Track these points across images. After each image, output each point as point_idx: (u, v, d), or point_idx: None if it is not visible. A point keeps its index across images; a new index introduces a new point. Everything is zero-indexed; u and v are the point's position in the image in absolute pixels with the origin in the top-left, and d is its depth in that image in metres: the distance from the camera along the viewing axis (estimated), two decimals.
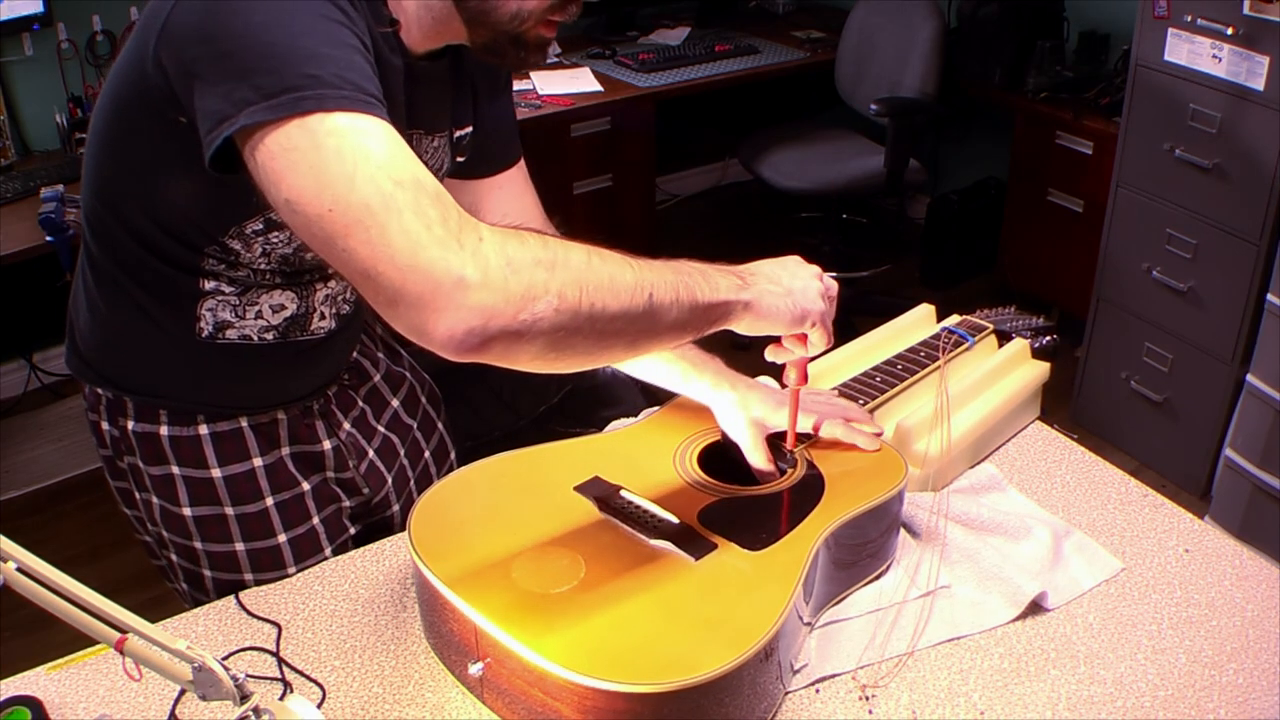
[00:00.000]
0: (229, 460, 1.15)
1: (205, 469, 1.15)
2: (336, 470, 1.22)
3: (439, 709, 0.96)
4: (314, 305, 1.14)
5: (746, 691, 0.88)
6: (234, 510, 1.16)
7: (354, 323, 1.23)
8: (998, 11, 3.18)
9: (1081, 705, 0.96)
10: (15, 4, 2.61)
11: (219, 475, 1.15)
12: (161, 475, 1.15)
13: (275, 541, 1.18)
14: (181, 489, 1.15)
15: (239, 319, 1.09)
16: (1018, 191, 3.28)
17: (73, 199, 2.40)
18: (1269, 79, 2.20)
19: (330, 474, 1.22)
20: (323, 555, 1.19)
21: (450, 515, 1.02)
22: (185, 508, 1.15)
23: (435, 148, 1.12)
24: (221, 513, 1.16)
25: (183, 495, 1.15)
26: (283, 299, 1.11)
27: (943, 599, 1.08)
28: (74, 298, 1.17)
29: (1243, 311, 2.38)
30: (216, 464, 1.15)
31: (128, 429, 1.15)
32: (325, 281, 1.14)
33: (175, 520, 1.16)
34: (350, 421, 1.25)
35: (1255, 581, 1.11)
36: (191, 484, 1.15)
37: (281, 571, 1.17)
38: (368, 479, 1.25)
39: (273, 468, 1.17)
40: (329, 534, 1.21)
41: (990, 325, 1.43)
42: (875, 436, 1.14)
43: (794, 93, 3.77)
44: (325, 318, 1.16)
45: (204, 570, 1.18)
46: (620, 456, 1.12)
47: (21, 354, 3.04)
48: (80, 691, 0.98)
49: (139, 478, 1.17)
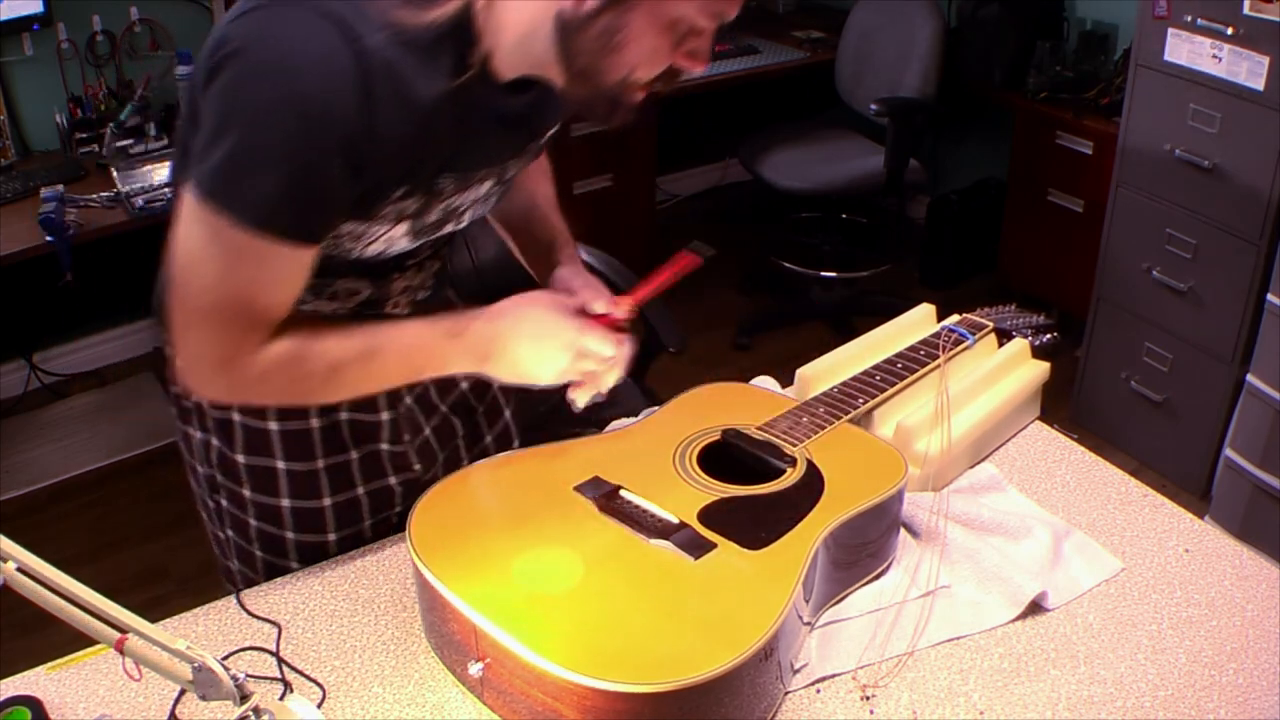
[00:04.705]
0: (288, 416, 1.16)
1: (263, 420, 1.16)
2: (390, 443, 1.22)
3: (439, 709, 0.96)
4: (390, 294, 1.15)
5: (746, 691, 0.88)
6: (284, 465, 1.17)
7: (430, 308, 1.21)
8: (998, 11, 3.18)
9: (1081, 705, 0.96)
10: (15, 4, 2.61)
11: (275, 429, 1.16)
12: (221, 419, 1.17)
13: (320, 504, 1.19)
14: (239, 435, 1.16)
15: (313, 297, 1.09)
16: (1018, 191, 3.28)
17: (72, 199, 2.40)
18: (1269, 79, 2.21)
19: (384, 445, 1.22)
20: (361, 526, 1.20)
21: (450, 515, 1.02)
22: (239, 454, 1.17)
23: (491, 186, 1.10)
24: (273, 466, 1.17)
25: (238, 441, 1.17)
26: (358, 284, 1.12)
27: (943, 599, 1.08)
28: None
29: (1243, 311, 2.38)
30: (275, 417, 1.16)
31: None
32: (404, 273, 1.15)
33: (229, 465, 1.18)
34: (412, 396, 1.25)
35: (1255, 581, 1.11)
36: (249, 432, 1.16)
37: (321, 536, 1.18)
38: (420, 455, 1.25)
39: (328, 430, 1.18)
40: (371, 507, 1.21)
41: (990, 323, 1.43)
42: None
43: (794, 93, 3.77)
44: (400, 305, 1.17)
45: (249, 519, 1.20)
46: (620, 456, 1.12)
47: (21, 354, 3.04)
48: (80, 691, 0.98)
49: (201, 417, 1.19)
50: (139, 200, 2.40)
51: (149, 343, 3.29)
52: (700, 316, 3.33)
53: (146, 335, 3.28)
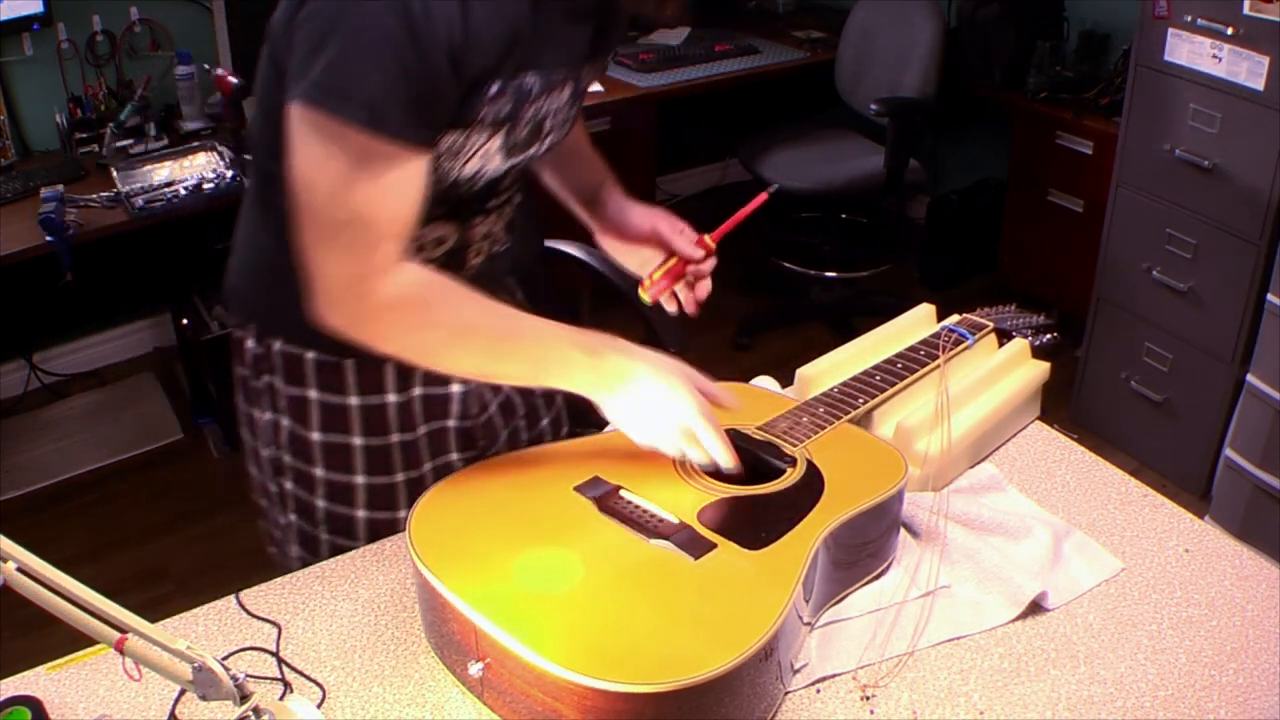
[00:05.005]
0: (367, 391, 1.18)
1: (343, 395, 1.17)
2: (460, 418, 1.24)
3: (439, 709, 0.96)
4: (472, 239, 1.17)
5: (746, 691, 0.88)
6: (361, 441, 1.19)
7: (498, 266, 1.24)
8: (998, 11, 3.18)
9: (1081, 705, 0.96)
10: (15, 4, 2.61)
11: (355, 403, 1.18)
12: (297, 397, 1.18)
13: (394, 479, 1.20)
14: (314, 413, 1.18)
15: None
16: (1018, 191, 3.28)
17: (72, 199, 2.40)
18: (1269, 79, 2.21)
19: (452, 421, 1.24)
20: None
21: (450, 515, 1.02)
22: (314, 432, 1.18)
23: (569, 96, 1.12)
24: (349, 442, 1.18)
25: (314, 419, 1.18)
26: (444, 231, 1.13)
27: (943, 599, 1.08)
28: (239, 241, 1.22)
29: (1243, 311, 2.38)
30: (356, 391, 1.17)
31: (273, 348, 1.18)
32: (485, 217, 1.16)
33: (301, 444, 1.19)
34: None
35: (1255, 581, 1.11)
36: (326, 409, 1.18)
37: (393, 513, 1.20)
38: (484, 431, 1.27)
39: (403, 406, 1.19)
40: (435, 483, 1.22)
41: (990, 323, 1.43)
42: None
43: (794, 93, 3.77)
44: (481, 254, 1.19)
45: (317, 500, 1.21)
46: (620, 456, 1.12)
47: (21, 354, 3.04)
48: (80, 691, 0.98)
49: (273, 398, 1.19)
50: (139, 200, 2.40)
51: (149, 343, 3.29)
52: (700, 316, 3.33)
53: (146, 335, 3.29)
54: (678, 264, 1.27)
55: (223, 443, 2.90)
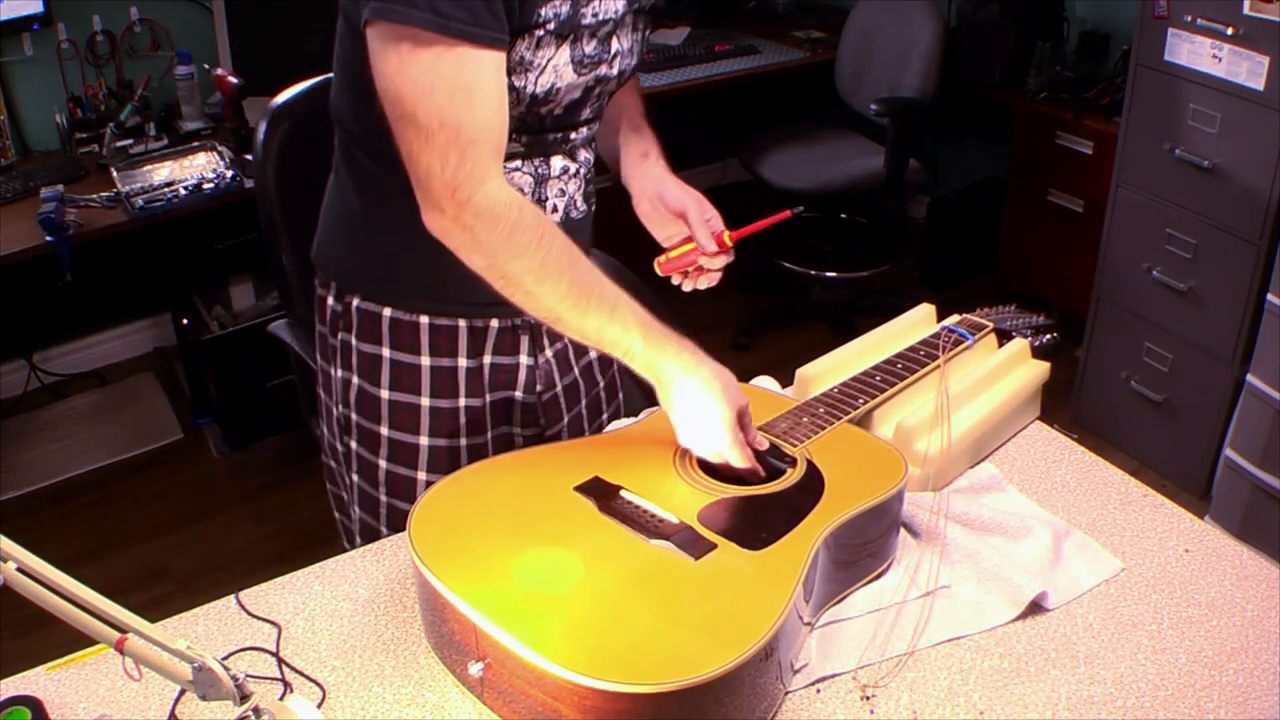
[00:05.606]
0: (440, 353, 1.21)
1: (416, 355, 1.20)
2: (524, 391, 1.26)
3: (439, 709, 0.96)
4: (547, 194, 1.19)
5: (746, 691, 0.88)
6: (429, 402, 1.21)
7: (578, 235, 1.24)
8: (998, 11, 3.18)
9: (1081, 705, 0.96)
10: (15, 4, 2.61)
11: (427, 364, 1.21)
12: (371, 354, 1.21)
13: (457, 443, 1.23)
14: (385, 371, 1.21)
15: None
16: (1018, 191, 3.28)
17: (72, 199, 2.40)
18: (1269, 79, 2.21)
19: (517, 394, 1.26)
20: None
21: (450, 515, 1.02)
22: (384, 390, 1.21)
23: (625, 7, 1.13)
24: (417, 402, 1.21)
25: (385, 377, 1.21)
26: (521, 181, 1.16)
27: (943, 599, 1.08)
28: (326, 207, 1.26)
29: (1243, 311, 2.38)
30: (428, 352, 1.20)
31: (352, 305, 1.21)
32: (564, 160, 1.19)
33: (370, 403, 1.22)
34: (552, 350, 1.29)
35: (1255, 581, 1.11)
36: (397, 368, 1.21)
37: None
38: (547, 409, 1.29)
39: (472, 372, 1.22)
40: (495, 453, 1.24)
41: (990, 324, 1.43)
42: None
43: (794, 93, 3.77)
44: (556, 210, 1.21)
45: (381, 461, 1.24)
46: (620, 456, 1.12)
47: (21, 354, 3.04)
48: (80, 691, 0.98)
49: (346, 355, 1.23)
50: (139, 200, 2.40)
51: (149, 342, 3.29)
52: (700, 316, 3.31)
53: (146, 335, 3.29)
54: (692, 251, 1.29)
55: (223, 443, 2.90)
